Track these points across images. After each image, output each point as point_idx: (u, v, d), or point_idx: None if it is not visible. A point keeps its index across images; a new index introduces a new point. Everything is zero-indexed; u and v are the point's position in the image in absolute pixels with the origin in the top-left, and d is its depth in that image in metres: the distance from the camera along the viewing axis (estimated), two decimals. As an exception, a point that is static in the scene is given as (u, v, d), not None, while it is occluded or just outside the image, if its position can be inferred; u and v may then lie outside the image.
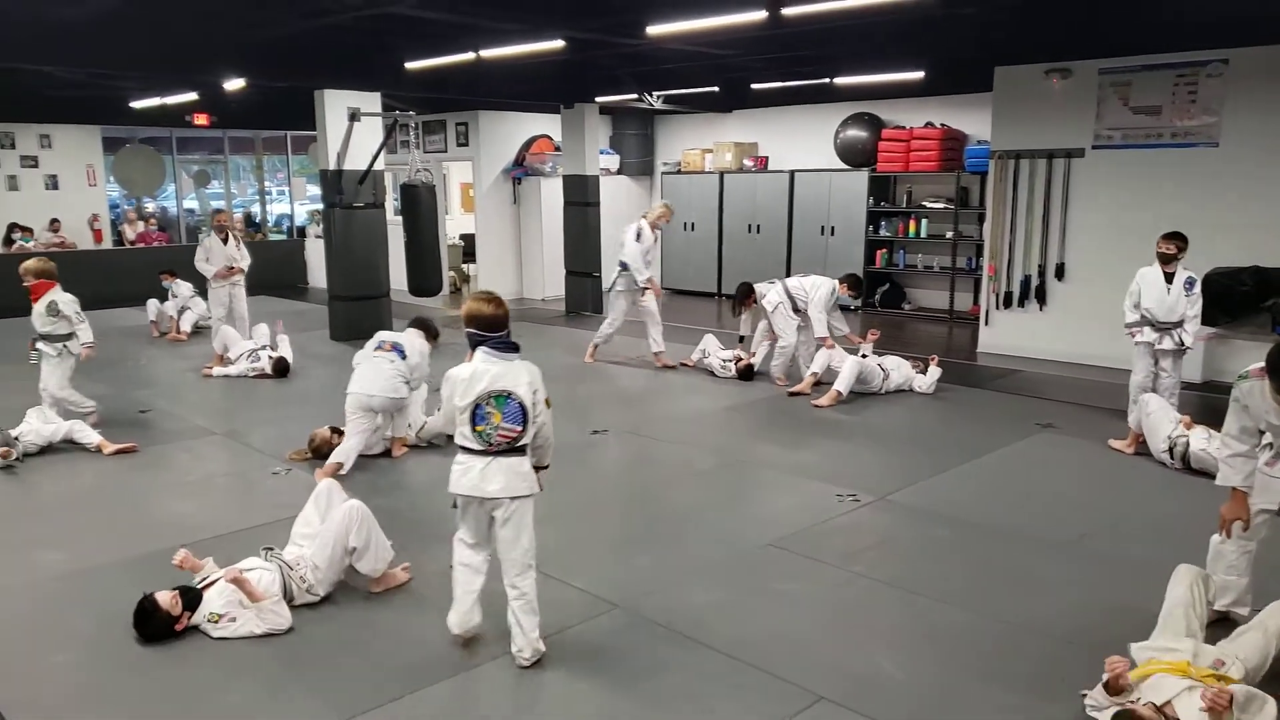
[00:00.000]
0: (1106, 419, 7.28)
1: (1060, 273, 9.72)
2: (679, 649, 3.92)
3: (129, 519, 5.47)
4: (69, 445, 6.67)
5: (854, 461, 6.61)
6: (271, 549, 4.31)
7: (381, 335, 6.64)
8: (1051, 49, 9.30)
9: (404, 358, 6.35)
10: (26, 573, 4.68)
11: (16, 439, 6.42)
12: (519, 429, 3.68)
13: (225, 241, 9.99)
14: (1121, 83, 9.07)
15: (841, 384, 7.96)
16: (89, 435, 6.67)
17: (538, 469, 3.84)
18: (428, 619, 4.16)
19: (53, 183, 16.05)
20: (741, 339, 9.37)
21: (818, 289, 8.44)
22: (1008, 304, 10.10)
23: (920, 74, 10.72)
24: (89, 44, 8.82)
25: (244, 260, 10.13)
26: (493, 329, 3.75)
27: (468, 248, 15.93)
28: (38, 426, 6.60)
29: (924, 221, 12.71)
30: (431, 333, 6.67)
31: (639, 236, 9.27)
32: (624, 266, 9.29)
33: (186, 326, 11.44)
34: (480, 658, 3.84)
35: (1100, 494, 5.92)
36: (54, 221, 15.74)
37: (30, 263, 6.98)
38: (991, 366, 9.59)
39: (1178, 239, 6.63)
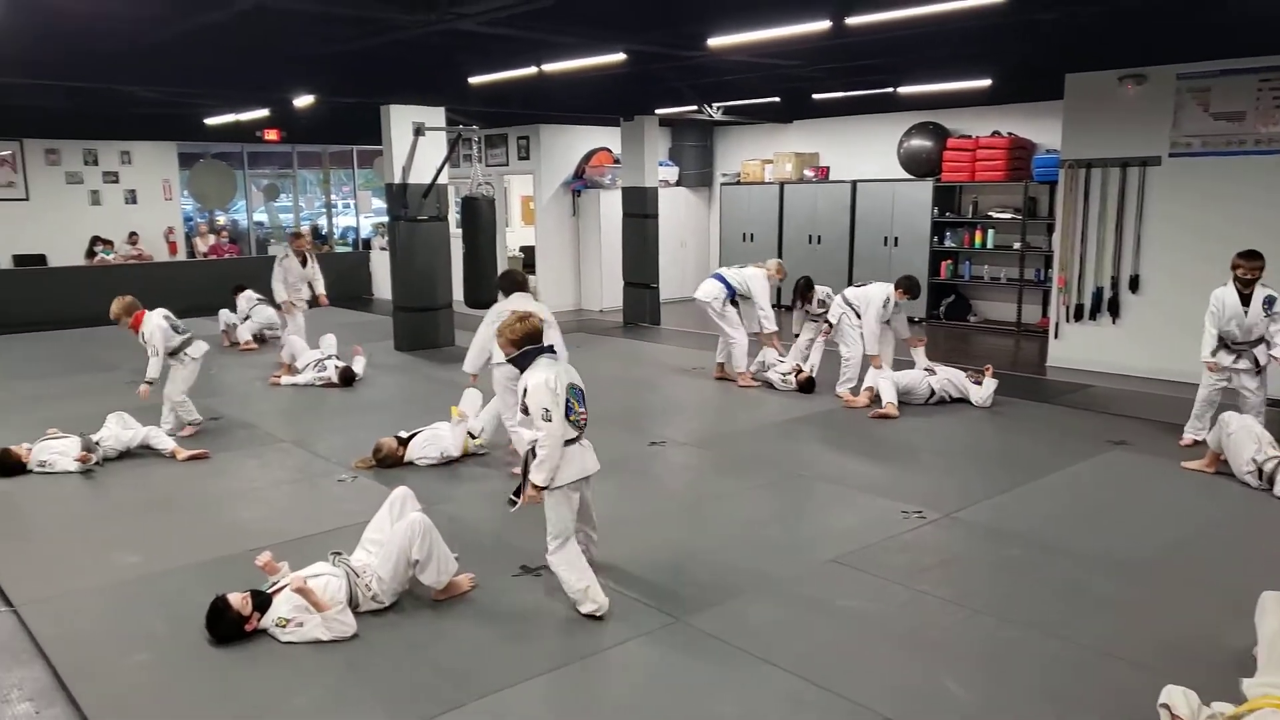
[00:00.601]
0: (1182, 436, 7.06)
1: (1134, 284, 9.47)
2: (739, 665, 3.88)
3: (201, 524, 5.59)
4: (146, 450, 6.85)
5: (919, 477, 6.50)
6: (339, 554, 4.37)
7: (504, 306, 6.55)
8: (1126, 54, 9.07)
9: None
10: (106, 574, 4.80)
11: (97, 444, 6.62)
12: (585, 410, 4.36)
13: (304, 264, 10.17)
14: (1200, 88, 8.82)
15: (888, 395, 7.92)
16: (164, 441, 6.86)
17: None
18: (491, 627, 4.19)
19: (132, 197, 16.56)
20: (797, 335, 9.34)
21: (870, 302, 8.32)
22: (1078, 316, 9.86)
23: (987, 82, 10.56)
24: (171, 64, 9.11)
25: (319, 281, 10.26)
26: (541, 339, 4.42)
27: (527, 259, 16.07)
28: (117, 432, 6.81)
29: (990, 232, 12.49)
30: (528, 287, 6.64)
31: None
32: (729, 289, 9.04)
33: (246, 335, 11.61)
34: (538, 669, 3.85)
35: (1178, 514, 5.73)
36: (132, 235, 16.24)
37: (113, 308, 7.08)
38: (1061, 381, 9.38)
39: (1258, 259, 6.39)
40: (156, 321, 7.08)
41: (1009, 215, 12.31)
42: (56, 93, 11.65)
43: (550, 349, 4.46)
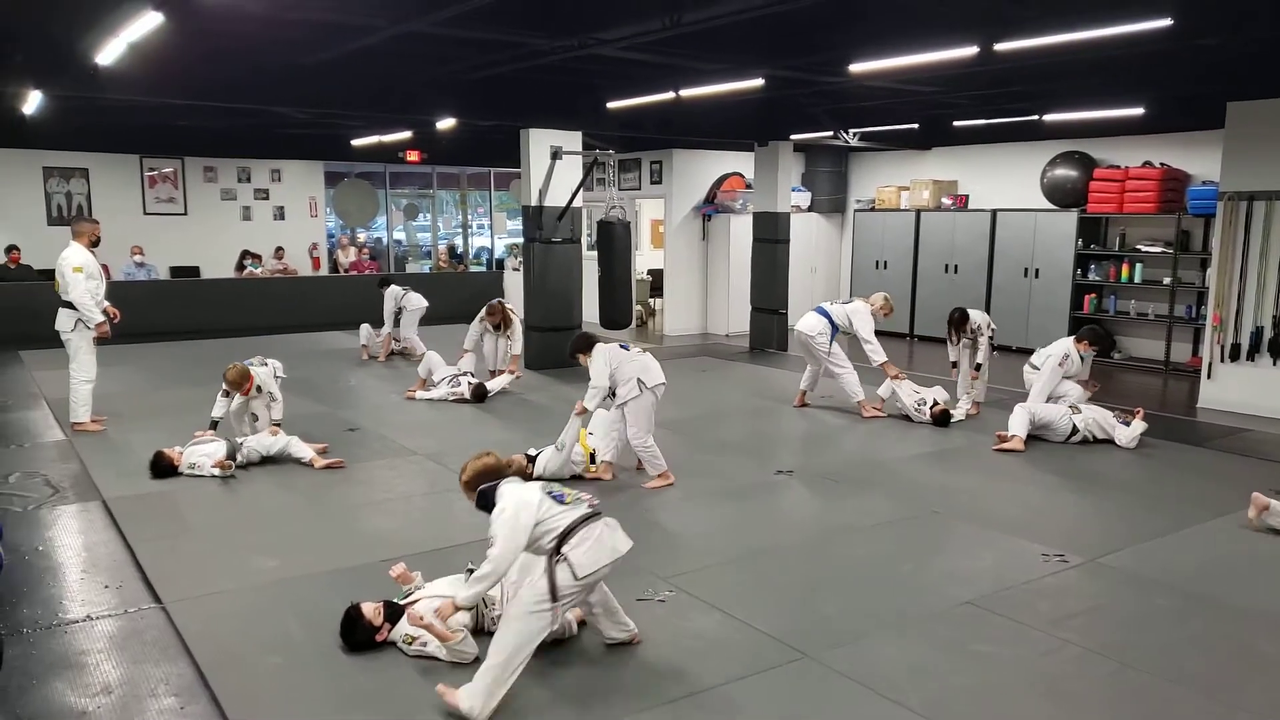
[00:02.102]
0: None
1: (1299, 325, 8.88)
2: (870, 706, 3.75)
3: (336, 531, 5.77)
4: (287, 458, 7.13)
5: (1060, 518, 6.21)
6: (473, 570, 4.34)
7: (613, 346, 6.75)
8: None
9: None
10: (246, 577, 4.99)
11: (241, 445, 6.98)
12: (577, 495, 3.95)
13: (497, 329, 10.06)
14: (1380, 117, 8.23)
15: (1017, 427, 7.69)
16: (304, 450, 7.12)
17: None
18: (614, 654, 4.15)
19: (280, 213, 17.42)
20: (954, 365, 9.08)
21: (1049, 357, 8.13)
22: (1235, 356, 9.29)
23: (1140, 110, 10.11)
24: (322, 88, 9.56)
25: (516, 345, 10.10)
26: (499, 474, 4.00)
27: (655, 283, 16.16)
28: (259, 439, 7.13)
29: (1138, 266, 11.93)
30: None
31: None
32: (832, 324, 8.86)
33: (411, 334, 11.75)
34: (664, 697, 3.79)
35: (1350, 572, 5.30)
36: (279, 249, 17.04)
37: (233, 375, 7.24)
38: (1214, 424, 8.84)
39: None
40: (263, 373, 7.36)
41: (1159, 249, 11.73)
42: (216, 114, 12.37)
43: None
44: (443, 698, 3.60)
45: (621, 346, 6.72)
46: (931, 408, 8.55)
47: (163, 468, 6.74)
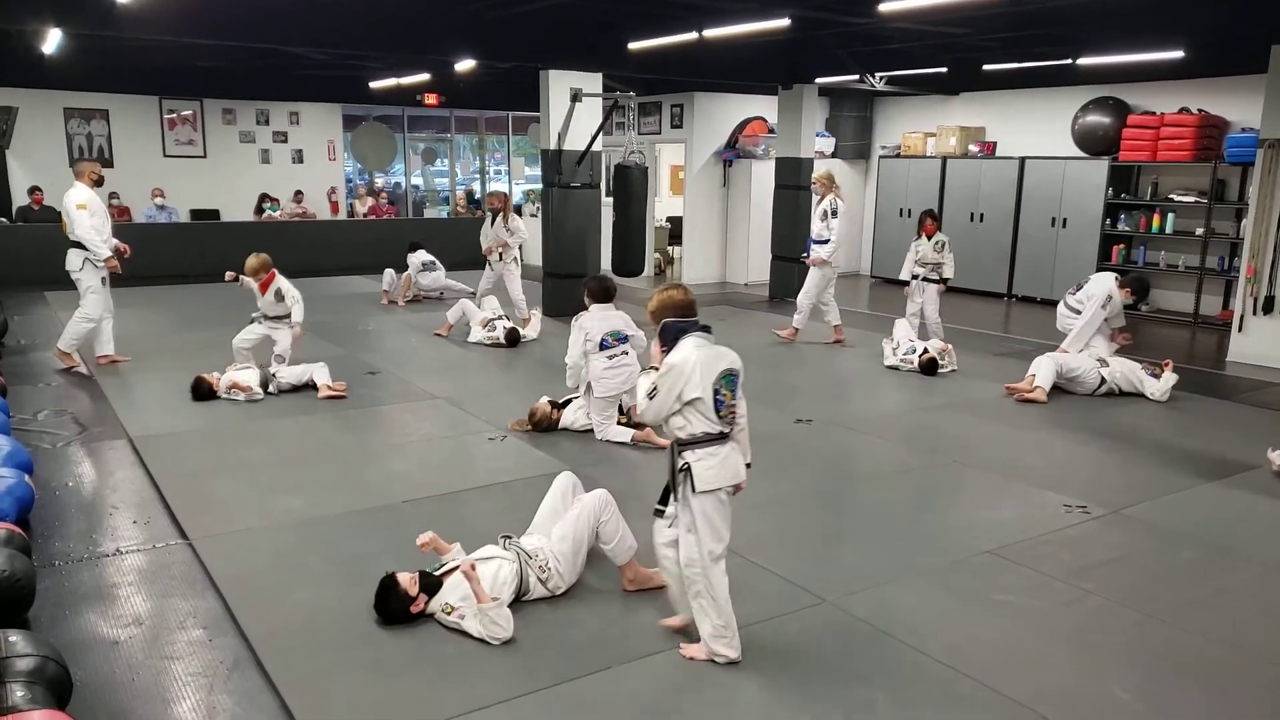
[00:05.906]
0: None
1: (1334, 277, 8.71)
2: (889, 652, 3.75)
3: (358, 473, 5.79)
4: (310, 392, 7.43)
5: (1083, 470, 6.16)
6: (510, 537, 4.19)
7: (603, 332, 6.36)
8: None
9: (627, 340, 6.43)
10: (272, 517, 5.03)
11: (274, 375, 7.39)
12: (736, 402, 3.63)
13: (493, 222, 10.60)
14: None
15: (1043, 379, 7.65)
16: (323, 377, 7.47)
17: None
18: (634, 602, 4.15)
19: (298, 156, 17.33)
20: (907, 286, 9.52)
21: (1092, 298, 7.94)
22: (1268, 309, 9.12)
23: (1178, 54, 9.82)
24: (341, 26, 9.43)
25: (515, 236, 10.62)
26: (686, 311, 3.73)
27: (674, 230, 16.02)
28: (289, 370, 7.53)
29: (1170, 216, 11.71)
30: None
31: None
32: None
33: (421, 285, 12.17)
34: (677, 639, 3.79)
35: (1378, 527, 5.24)
36: (298, 193, 16.97)
37: (252, 262, 7.64)
38: (1244, 378, 8.72)
39: None
40: (284, 283, 7.76)
41: (1192, 198, 11.50)
42: (234, 54, 12.22)
43: (705, 327, 3.75)
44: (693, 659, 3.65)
45: (615, 342, 6.35)
46: (920, 355, 8.50)
47: (204, 391, 7.14)
